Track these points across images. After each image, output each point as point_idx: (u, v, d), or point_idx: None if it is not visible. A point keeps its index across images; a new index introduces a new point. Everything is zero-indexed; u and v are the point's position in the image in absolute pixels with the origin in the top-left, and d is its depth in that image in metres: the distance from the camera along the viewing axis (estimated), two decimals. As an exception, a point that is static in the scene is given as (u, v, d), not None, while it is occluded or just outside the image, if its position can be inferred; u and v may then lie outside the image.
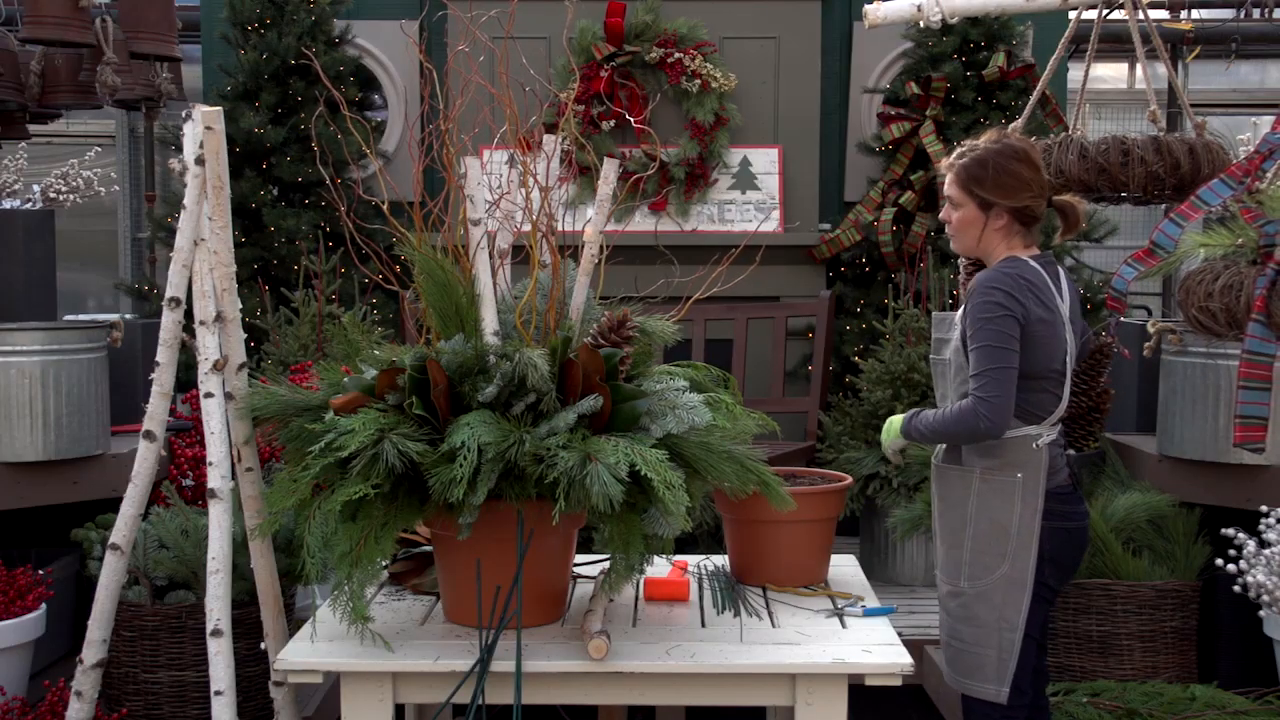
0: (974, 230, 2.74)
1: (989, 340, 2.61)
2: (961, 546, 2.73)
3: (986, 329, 2.62)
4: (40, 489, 3.87)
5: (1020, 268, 2.67)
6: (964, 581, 2.73)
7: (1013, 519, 2.69)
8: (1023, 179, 2.70)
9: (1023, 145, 2.75)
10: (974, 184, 2.71)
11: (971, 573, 2.72)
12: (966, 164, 2.74)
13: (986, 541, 2.70)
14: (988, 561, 2.70)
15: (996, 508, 2.70)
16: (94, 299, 7.64)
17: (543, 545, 2.46)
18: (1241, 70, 7.65)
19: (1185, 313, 2.61)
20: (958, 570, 2.74)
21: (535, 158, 2.62)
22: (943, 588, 2.80)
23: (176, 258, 2.78)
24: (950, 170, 2.78)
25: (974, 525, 2.72)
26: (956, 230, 2.78)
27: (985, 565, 2.71)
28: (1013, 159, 2.71)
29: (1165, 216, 2.65)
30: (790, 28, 5.58)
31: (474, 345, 2.45)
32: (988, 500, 2.70)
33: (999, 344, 2.61)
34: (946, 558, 2.78)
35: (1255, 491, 3.83)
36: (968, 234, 2.76)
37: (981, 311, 2.63)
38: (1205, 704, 3.37)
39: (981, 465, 2.72)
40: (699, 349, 4.83)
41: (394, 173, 5.53)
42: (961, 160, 2.76)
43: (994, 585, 2.70)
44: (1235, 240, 2.52)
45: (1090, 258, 5.85)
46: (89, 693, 2.89)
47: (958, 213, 2.76)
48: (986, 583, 2.70)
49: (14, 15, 4.81)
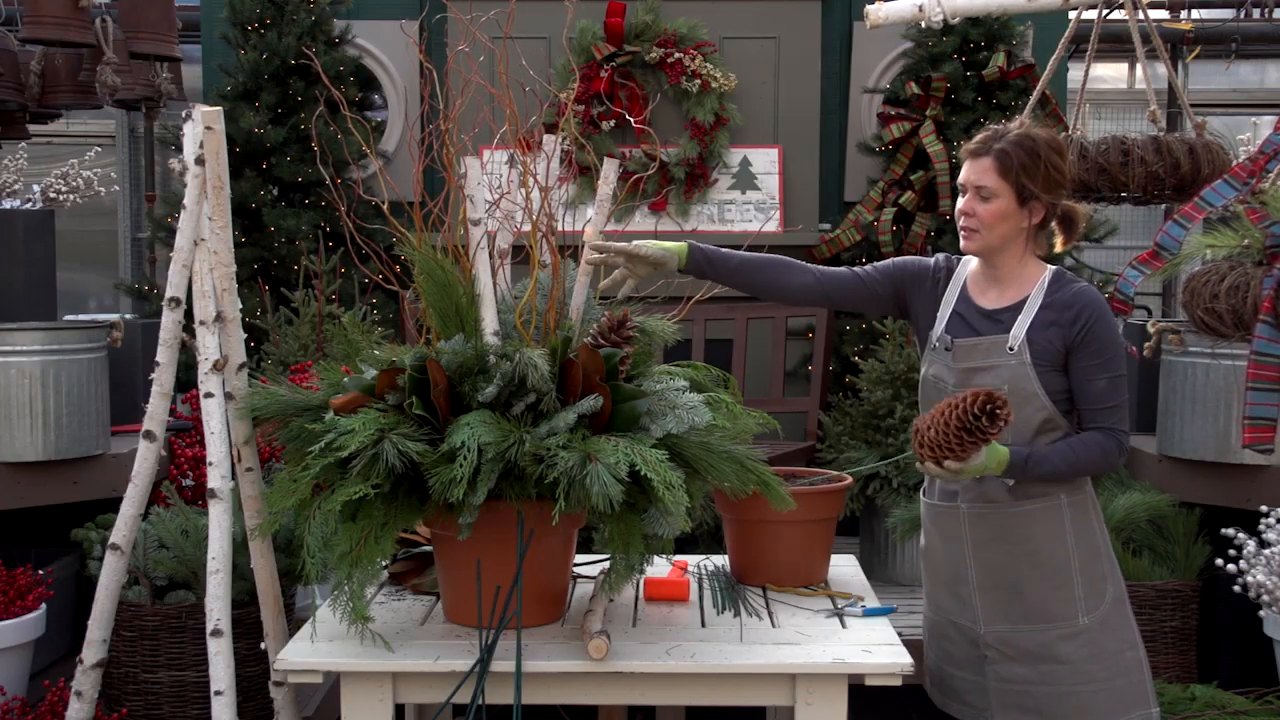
0: (1008, 225, 2.45)
1: (1121, 368, 2.43)
2: (1072, 584, 2.49)
3: (1121, 357, 2.43)
4: (40, 489, 3.87)
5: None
6: (1083, 618, 2.49)
7: (1098, 537, 2.53)
8: (1065, 174, 2.46)
9: (1056, 135, 2.50)
10: (1024, 174, 2.42)
11: (1088, 605, 2.50)
12: (1014, 151, 2.42)
13: (1092, 568, 2.51)
14: (1099, 588, 2.51)
15: (1086, 529, 2.52)
16: (94, 299, 7.64)
17: (543, 545, 2.46)
18: (1241, 70, 7.65)
19: (1190, 314, 2.60)
20: (1072, 608, 2.49)
21: (535, 158, 2.62)
22: (1042, 635, 2.50)
23: (176, 258, 2.78)
24: (988, 155, 2.45)
25: (1078, 555, 2.50)
26: (988, 224, 2.45)
27: (1098, 593, 2.51)
28: (1056, 152, 2.45)
29: (1168, 218, 2.64)
30: (790, 28, 5.58)
31: (474, 345, 2.45)
32: (1079, 525, 2.51)
33: (1126, 370, 2.45)
34: (1052, 599, 2.50)
35: (1255, 491, 3.83)
36: (999, 230, 2.45)
37: (1116, 339, 2.43)
38: (1205, 704, 3.37)
39: (1064, 491, 2.51)
40: (699, 349, 4.83)
41: (394, 173, 5.53)
42: (1006, 144, 2.43)
43: (1109, 609, 2.51)
44: (1241, 241, 2.52)
45: (1090, 258, 5.85)
46: (89, 693, 2.89)
47: (989, 205, 2.44)
48: (1103, 610, 2.51)
49: (14, 15, 4.80)
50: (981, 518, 2.54)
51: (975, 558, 2.55)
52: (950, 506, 2.57)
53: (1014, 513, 2.50)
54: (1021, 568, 2.51)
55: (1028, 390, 2.44)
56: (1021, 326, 2.44)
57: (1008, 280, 2.52)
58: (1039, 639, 2.50)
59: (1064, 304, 2.44)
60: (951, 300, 2.59)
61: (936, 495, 2.63)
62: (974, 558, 2.55)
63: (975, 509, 2.55)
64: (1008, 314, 2.49)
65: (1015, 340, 2.44)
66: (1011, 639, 2.53)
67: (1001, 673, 2.54)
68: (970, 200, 2.48)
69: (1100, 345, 2.41)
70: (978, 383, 2.44)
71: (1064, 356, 2.45)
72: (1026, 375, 2.43)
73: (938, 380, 2.57)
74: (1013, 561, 2.51)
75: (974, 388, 2.34)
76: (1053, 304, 2.45)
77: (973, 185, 2.47)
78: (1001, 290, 2.53)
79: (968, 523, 2.55)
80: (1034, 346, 2.43)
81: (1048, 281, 2.48)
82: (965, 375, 2.50)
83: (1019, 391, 2.42)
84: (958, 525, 2.58)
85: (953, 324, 2.57)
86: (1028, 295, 2.48)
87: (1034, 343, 2.44)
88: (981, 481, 2.51)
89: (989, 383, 2.43)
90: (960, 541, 2.57)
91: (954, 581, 2.60)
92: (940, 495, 2.61)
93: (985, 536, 2.53)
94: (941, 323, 2.58)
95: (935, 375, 2.57)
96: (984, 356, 2.48)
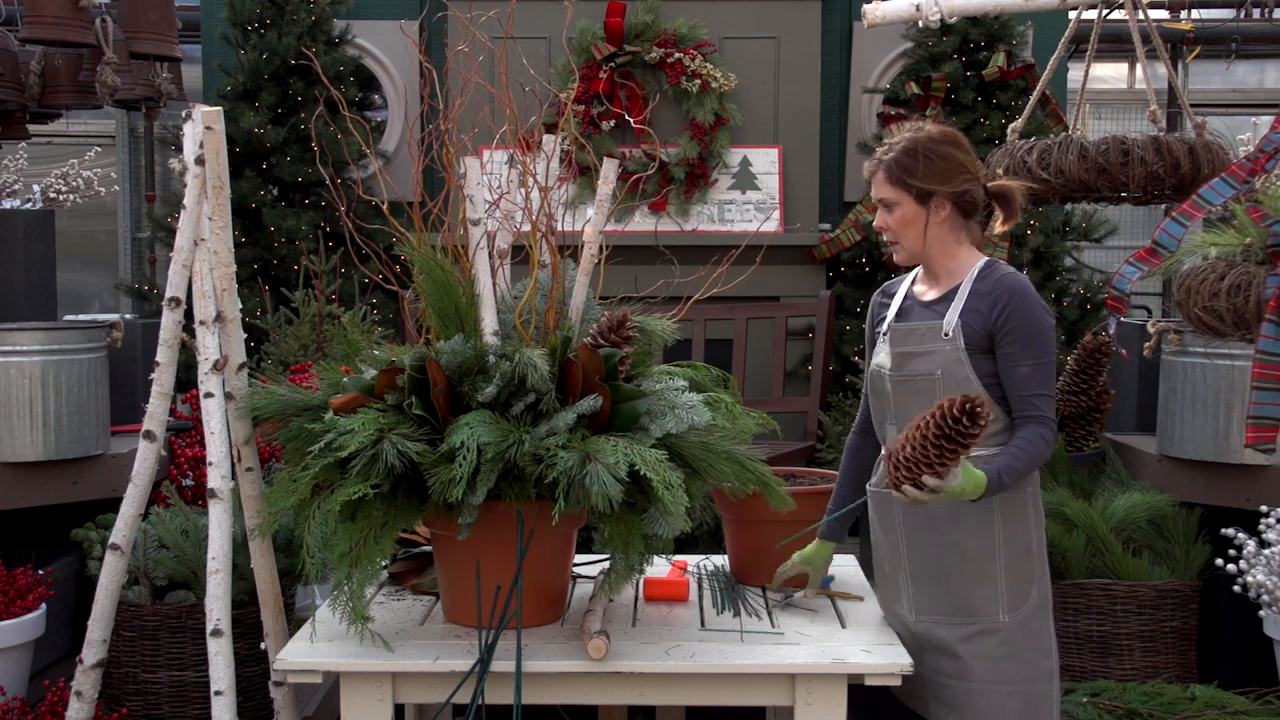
0: (916, 228, 2.52)
1: (1047, 355, 2.44)
2: (995, 578, 2.49)
3: (1045, 343, 2.44)
4: (40, 489, 3.87)
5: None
6: (1003, 615, 2.48)
7: (1031, 538, 2.52)
8: (956, 161, 2.51)
9: (946, 129, 2.56)
10: (906, 175, 2.50)
11: (1010, 603, 2.49)
12: (895, 157, 2.52)
13: (1018, 567, 2.50)
14: (1023, 590, 2.50)
15: (1018, 528, 2.51)
16: (94, 299, 7.65)
17: (542, 545, 2.46)
18: (1241, 70, 7.65)
19: (1186, 313, 2.59)
20: (992, 603, 2.49)
21: (535, 158, 2.62)
22: (962, 629, 2.50)
23: (176, 258, 2.78)
24: (877, 170, 2.55)
25: (1004, 553, 2.49)
26: (898, 232, 2.54)
27: (1021, 593, 2.49)
28: (941, 142, 2.52)
29: (1167, 216, 2.64)
30: (790, 28, 5.58)
31: (474, 345, 2.45)
32: (1010, 522, 2.50)
33: (1054, 358, 2.45)
34: (973, 594, 2.50)
35: (1255, 491, 3.83)
36: (910, 234, 2.53)
37: (1039, 323, 2.44)
38: (1205, 704, 3.36)
39: None
40: (699, 349, 4.83)
41: (394, 173, 5.53)
42: (888, 155, 2.53)
43: (1031, 613, 2.50)
44: (1243, 240, 2.51)
45: (1090, 258, 5.86)
46: (89, 693, 2.89)
47: (894, 213, 2.53)
48: (1024, 611, 2.49)
49: (14, 15, 4.80)
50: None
51: (909, 545, 2.57)
52: (887, 493, 2.51)
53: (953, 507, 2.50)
54: (948, 559, 2.52)
55: (960, 375, 2.48)
56: (954, 313, 2.50)
57: (941, 273, 2.57)
58: (959, 632, 2.50)
59: (986, 291, 2.49)
60: (898, 301, 2.66)
61: (875, 480, 2.66)
62: (907, 545, 2.57)
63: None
64: (941, 303, 2.55)
65: (949, 325, 2.49)
66: (936, 631, 2.53)
67: (930, 664, 2.54)
68: (880, 215, 2.57)
69: (1021, 331, 2.44)
70: (912, 369, 2.52)
71: (988, 340, 2.48)
72: (959, 360, 2.48)
73: (878, 369, 2.60)
74: (940, 552, 2.52)
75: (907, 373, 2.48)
76: (977, 290, 2.50)
77: (877, 200, 2.57)
78: (937, 283, 2.59)
79: (901, 511, 2.55)
80: (965, 330, 2.49)
81: (977, 270, 2.54)
82: (901, 360, 2.55)
83: (951, 376, 2.48)
84: (893, 513, 2.58)
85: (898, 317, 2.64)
86: (959, 284, 2.54)
87: (965, 326, 2.49)
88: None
89: (924, 368, 2.50)
90: (895, 529, 2.59)
91: (892, 570, 2.62)
92: (878, 481, 2.62)
93: (917, 525, 2.55)
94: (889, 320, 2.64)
95: (877, 365, 2.62)
96: (919, 341, 2.53)
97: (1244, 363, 3.81)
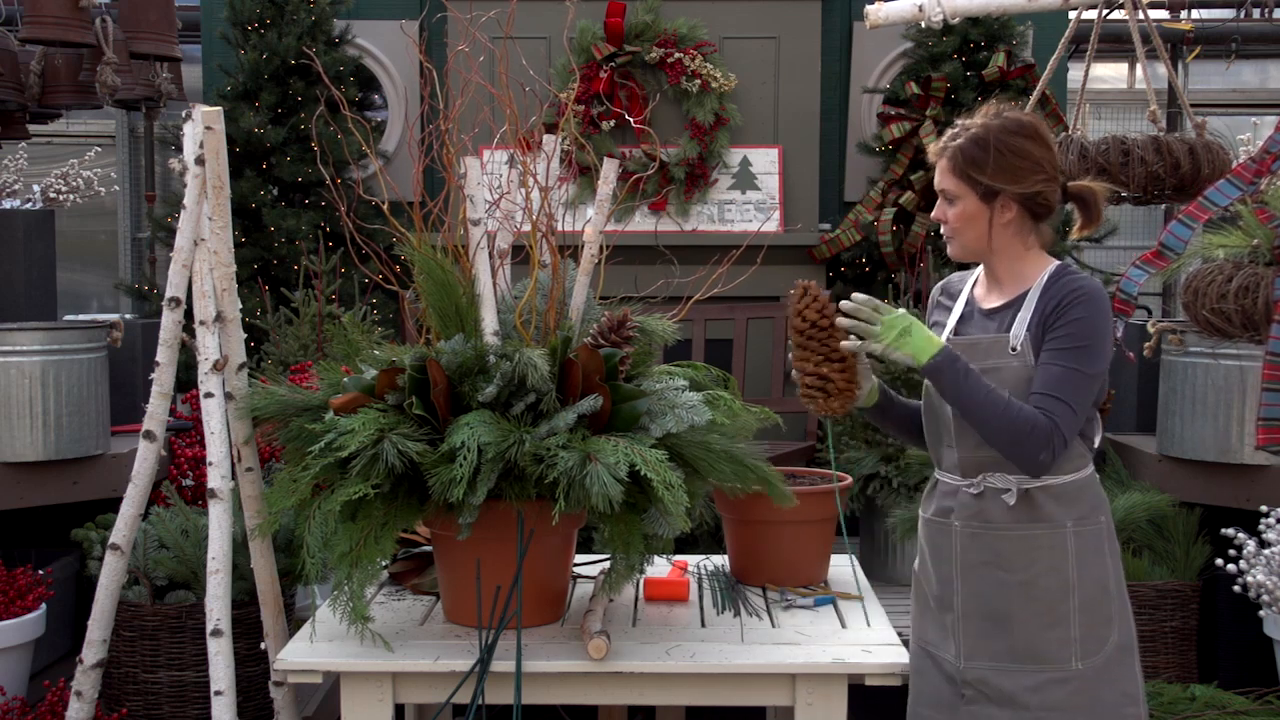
0: (977, 227, 2.27)
1: (1090, 367, 2.20)
2: (1068, 622, 2.24)
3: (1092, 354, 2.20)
4: (40, 489, 3.87)
5: None
6: (1076, 662, 2.24)
7: (1109, 575, 2.28)
8: (1032, 157, 2.24)
9: (1029, 119, 2.28)
10: (972, 168, 2.24)
11: (1085, 650, 2.24)
12: (962, 146, 2.26)
13: (1094, 608, 2.26)
14: (1099, 632, 2.25)
15: (1094, 565, 2.27)
16: (94, 299, 7.64)
17: (542, 545, 2.46)
18: (1241, 70, 7.65)
19: (1193, 314, 2.57)
20: (1065, 649, 2.24)
21: (535, 158, 2.62)
22: (1028, 678, 2.25)
23: (176, 258, 2.78)
24: (942, 156, 2.30)
25: (1079, 593, 2.25)
26: (957, 228, 2.29)
27: (1098, 637, 2.25)
28: (1018, 135, 2.25)
29: (1172, 218, 2.63)
30: (790, 28, 5.58)
31: (474, 345, 2.45)
32: (1086, 559, 2.26)
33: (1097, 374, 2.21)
34: (1041, 639, 2.25)
35: (1255, 491, 3.83)
36: (970, 232, 2.28)
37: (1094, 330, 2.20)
38: (1205, 704, 3.36)
39: (1072, 518, 2.27)
40: (699, 349, 4.83)
41: (394, 173, 5.53)
42: (956, 142, 2.27)
43: (1110, 657, 2.25)
44: (1250, 241, 2.51)
45: (1091, 258, 5.86)
46: (89, 693, 2.89)
47: (955, 207, 2.28)
48: (1102, 656, 2.25)
49: (14, 15, 4.80)
50: (975, 538, 2.31)
51: (963, 582, 2.33)
52: (943, 524, 2.35)
53: (1011, 536, 2.27)
54: (1012, 599, 2.27)
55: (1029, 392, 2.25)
56: (1021, 325, 2.26)
57: (1005, 278, 2.34)
58: (1024, 681, 2.25)
59: (1054, 293, 2.25)
60: (960, 307, 2.44)
61: (932, 510, 2.42)
62: (962, 582, 2.33)
63: (969, 528, 2.32)
64: (1004, 312, 2.32)
65: (1017, 340, 2.25)
66: (991, 678, 2.28)
67: (977, 714, 2.29)
68: (940, 206, 2.33)
69: (1069, 329, 2.20)
70: None
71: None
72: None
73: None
74: (1003, 591, 2.28)
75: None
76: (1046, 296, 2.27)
77: (939, 189, 2.33)
78: (1001, 289, 2.36)
79: (959, 543, 2.32)
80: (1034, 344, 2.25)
81: (1048, 275, 2.29)
82: None
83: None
84: (949, 545, 2.35)
85: (958, 328, 2.41)
86: (1026, 291, 2.29)
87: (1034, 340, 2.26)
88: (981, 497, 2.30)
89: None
90: (950, 563, 2.35)
91: (940, 608, 2.39)
92: (936, 511, 2.40)
93: (976, 560, 2.30)
94: (949, 329, 2.42)
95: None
96: (983, 356, 2.28)
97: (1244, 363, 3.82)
